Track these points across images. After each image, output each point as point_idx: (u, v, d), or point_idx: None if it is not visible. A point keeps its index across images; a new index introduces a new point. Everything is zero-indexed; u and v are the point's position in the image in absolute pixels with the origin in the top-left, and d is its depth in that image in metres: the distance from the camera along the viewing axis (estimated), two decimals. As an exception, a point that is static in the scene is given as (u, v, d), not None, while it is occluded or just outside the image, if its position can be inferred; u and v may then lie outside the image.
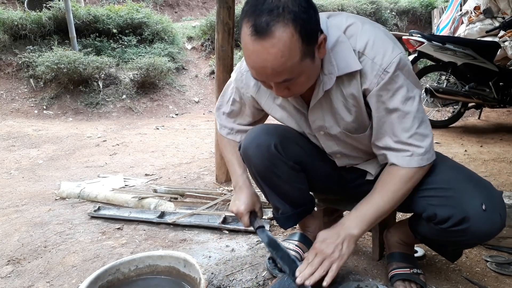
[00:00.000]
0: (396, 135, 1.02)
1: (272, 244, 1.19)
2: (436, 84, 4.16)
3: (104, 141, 4.21)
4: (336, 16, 1.03)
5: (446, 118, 4.57)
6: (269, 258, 1.39)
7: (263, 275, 1.34)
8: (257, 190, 1.34)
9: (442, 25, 6.53)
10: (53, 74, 5.85)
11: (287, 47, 0.85)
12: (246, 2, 0.89)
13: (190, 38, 8.08)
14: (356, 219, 1.06)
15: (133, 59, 6.46)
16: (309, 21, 0.87)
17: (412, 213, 1.21)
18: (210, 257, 1.48)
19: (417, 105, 1.00)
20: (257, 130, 1.20)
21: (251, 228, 1.28)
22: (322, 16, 0.99)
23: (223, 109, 1.35)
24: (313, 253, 1.08)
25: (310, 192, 1.40)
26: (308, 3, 0.87)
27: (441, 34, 6.33)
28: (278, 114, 1.21)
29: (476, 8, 5.33)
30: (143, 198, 2.12)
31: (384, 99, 0.99)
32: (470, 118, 5.03)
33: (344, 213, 1.63)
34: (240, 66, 1.22)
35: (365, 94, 1.02)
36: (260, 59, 0.87)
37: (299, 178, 1.25)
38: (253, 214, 1.27)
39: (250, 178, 1.31)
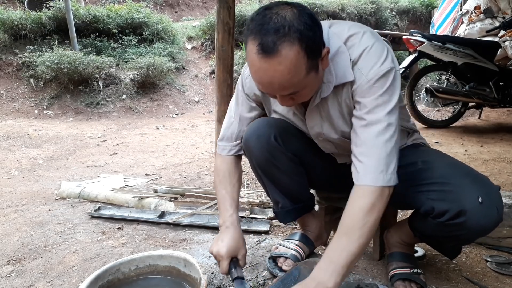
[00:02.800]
0: (358, 145, 1.00)
1: None
2: (436, 84, 4.16)
3: (104, 141, 4.21)
4: (337, 25, 1.05)
5: (446, 118, 4.57)
6: (269, 258, 1.39)
7: (263, 275, 1.34)
8: (258, 189, 1.34)
9: (437, 22, 6.52)
10: (53, 74, 5.85)
11: (293, 65, 0.87)
12: (251, 19, 0.90)
13: (190, 38, 8.07)
14: (329, 271, 0.93)
15: (133, 59, 6.46)
16: (313, 38, 0.88)
17: (412, 211, 1.21)
18: (210, 257, 1.48)
19: (386, 120, 0.96)
20: (258, 123, 1.21)
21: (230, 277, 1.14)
22: (324, 25, 1.00)
23: (223, 133, 1.29)
24: None
25: (311, 190, 1.42)
26: (312, 21, 0.88)
27: (437, 32, 6.33)
28: (280, 116, 1.22)
29: (476, 7, 5.33)
30: (143, 198, 2.12)
31: (359, 107, 1.00)
32: (471, 118, 5.03)
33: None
34: (243, 73, 1.22)
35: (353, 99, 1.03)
36: (267, 76, 0.89)
37: (298, 171, 1.27)
38: (234, 261, 1.14)
39: (238, 220, 1.21)
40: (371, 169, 0.96)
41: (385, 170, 0.96)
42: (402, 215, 1.76)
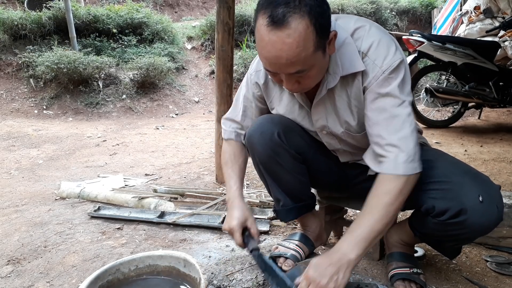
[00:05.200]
0: (384, 137, 1.01)
1: (268, 269, 1.12)
2: (436, 84, 4.16)
3: (104, 141, 4.21)
4: (344, 18, 1.06)
5: (446, 118, 4.57)
6: (269, 258, 1.39)
7: (263, 275, 1.34)
8: (258, 189, 1.33)
9: (438, 23, 6.55)
10: (53, 74, 5.85)
11: (302, 38, 0.87)
12: None
13: (190, 38, 8.08)
14: (351, 243, 0.97)
15: (133, 59, 6.46)
16: (323, 15, 0.89)
17: (412, 211, 1.21)
18: (210, 257, 1.48)
19: (408, 111, 1.00)
20: (262, 119, 1.22)
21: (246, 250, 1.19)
22: (331, 18, 1.01)
23: (231, 115, 1.34)
24: (306, 282, 0.96)
25: (312, 190, 1.42)
26: None
27: (438, 33, 6.33)
28: (283, 112, 1.23)
29: (476, 8, 5.33)
30: (143, 198, 2.12)
31: (376, 98, 1.01)
32: (470, 118, 5.03)
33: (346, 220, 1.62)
34: (249, 70, 1.25)
35: (364, 92, 1.05)
36: (275, 49, 0.89)
37: (301, 169, 1.27)
38: (247, 234, 1.19)
39: (242, 193, 1.27)
40: (402, 160, 0.98)
41: (414, 159, 0.99)
42: (402, 215, 1.76)
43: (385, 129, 1.01)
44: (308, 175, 1.30)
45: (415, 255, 1.35)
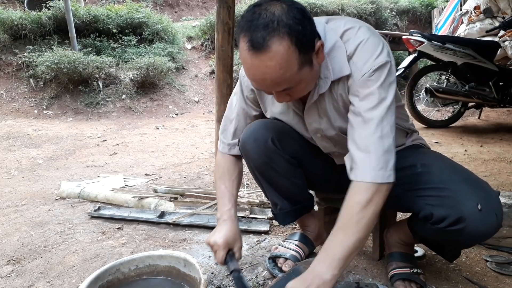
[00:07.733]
0: (356, 142, 0.98)
1: None
2: (436, 84, 4.16)
3: (104, 141, 4.21)
4: (334, 20, 1.04)
5: (446, 118, 4.58)
6: (269, 258, 1.39)
7: (263, 275, 1.34)
8: (258, 189, 1.33)
9: (440, 24, 6.56)
10: (53, 74, 5.85)
11: (284, 60, 0.87)
12: (242, 16, 0.90)
13: (190, 38, 8.08)
14: (326, 263, 0.94)
15: (133, 59, 6.46)
16: (304, 32, 0.88)
17: (411, 213, 1.21)
18: (210, 257, 1.48)
19: (383, 115, 0.95)
20: (255, 125, 1.21)
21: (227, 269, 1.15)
22: (321, 20, 1.00)
23: (222, 130, 1.31)
24: None
25: (310, 191, 1.41)
26: (302, 15, 0.88)
27: (439, 33, 6.34)
28: (277, 114, 1.22)
29: (476, 7, 5.33)
30: (143, 198, 2.12)
31: (354, 101, 0.99)
32: (470, 118, 5.03)
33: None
34: (242, 72, 1.22)
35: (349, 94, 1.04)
36: (259, 72, 0.89)
37: (297, 173, 1.26)
38: (231, 254, 1.17)
39: (236, 214, 1.23)
40: (370, 166, 0.94)
41: (384, 167, 0.95)
42: (402, 215, 1.76)
43: (357, 134, 0.97)
44: (305, 178, 1.30)
45: (415, 255, 1.36)
